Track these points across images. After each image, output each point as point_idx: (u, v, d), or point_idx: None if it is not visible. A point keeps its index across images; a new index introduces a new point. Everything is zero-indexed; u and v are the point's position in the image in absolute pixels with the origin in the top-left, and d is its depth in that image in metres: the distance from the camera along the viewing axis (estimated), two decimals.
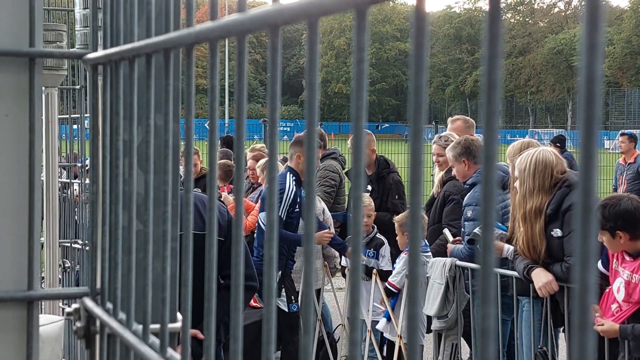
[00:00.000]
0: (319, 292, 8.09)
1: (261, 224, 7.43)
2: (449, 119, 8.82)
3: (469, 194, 6.98)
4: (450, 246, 6.94)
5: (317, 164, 8.32)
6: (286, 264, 7.55)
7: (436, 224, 7.50)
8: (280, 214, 7.31)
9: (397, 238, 7.49)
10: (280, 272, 7.46)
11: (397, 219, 7.47)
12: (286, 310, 7.47)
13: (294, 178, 7.46)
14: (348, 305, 7.18)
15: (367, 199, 7.93)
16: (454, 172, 7.24)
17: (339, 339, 8.20)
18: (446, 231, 7.18)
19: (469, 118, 8.90)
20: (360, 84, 0.62)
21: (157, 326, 1.12)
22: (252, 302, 7.28)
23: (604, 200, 5.15)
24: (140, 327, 1.16)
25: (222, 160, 10.43)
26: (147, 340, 1.12)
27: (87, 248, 5.31)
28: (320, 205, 7.94)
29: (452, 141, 7.61)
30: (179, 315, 1.30)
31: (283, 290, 7.52)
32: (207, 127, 0.92)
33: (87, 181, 5.69)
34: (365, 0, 0.61)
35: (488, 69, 0.54)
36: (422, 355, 7.34)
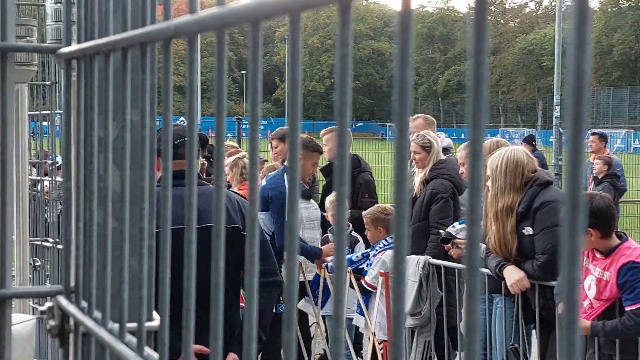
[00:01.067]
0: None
1: (262, 226, 7.32)
2: (410, 117, 8.83)
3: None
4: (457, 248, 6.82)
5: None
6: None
7: (421, 222, 7.48)
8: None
9: (368, 233, 7.49)
10: None
11: (365, 213, 7.46)
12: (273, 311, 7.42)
13: None
14: (333, 303, 7.15)
15: None
16: (462, 170, 7.20)
17: (313, 336, 8.20)
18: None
19: (429, 116, 8.94)
20: (344, 79, 0.61)
21: (133, 324, 1.10)
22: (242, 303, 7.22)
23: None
24: (116, 325, 1.14)
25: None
26: (124, 339, 1.10)
27: (59, 246, 5.26)
28: (318, 212, 7.91)
29: (429, 140, 7.62)
30: (155, 314, 1.28)
31: None
32: (185, 123, 0.91)
33: (58, 178, 5.64)
34: None
35: (475, 66, 0.53)
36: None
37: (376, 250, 7.38)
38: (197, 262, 0.98)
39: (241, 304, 7.29)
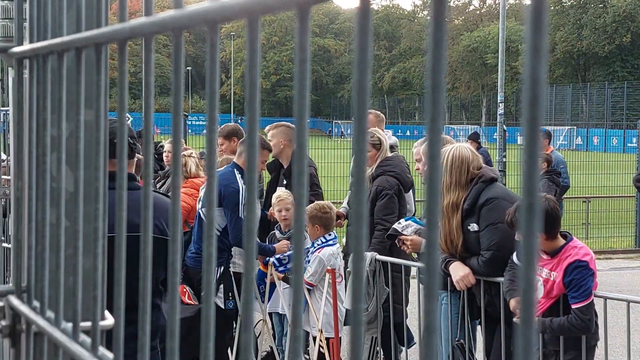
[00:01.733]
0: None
1: (203, 217, 7.36)
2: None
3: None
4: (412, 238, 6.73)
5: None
6: (227, 261, 7.46)
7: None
8: (241, 215, 7.22)
9: (307, 230, 7.51)
10: (221, 268, 7.36)
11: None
12: (222, 307, 7.39)
13: (240, 176, 7.38)
14: (290, 302, 7.15)
15: (285, 194, 7.94)
16: (417, 166, 7.21)
17: (259, 334, 8.19)
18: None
19: (379, 112, 9.00)
20: (303, 83, 0.63)
21: (86, 324, 1.10)
22: (184, 299, 7.17)
23: (521, 202, 5.24)
24: (69, 325, 1.14)
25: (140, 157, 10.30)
26: (78, 339, 1.10)
27: (5, 244, 5.18)
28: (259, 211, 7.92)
29: (378, 137, 7.68)
30: (107, 314, 1.28)
31: (221, 286, 7.42)
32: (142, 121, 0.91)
33: (4, 177, 5.54)
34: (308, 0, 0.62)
35: (432, 72, 0.55)
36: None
37: (314, 248, 7.40)
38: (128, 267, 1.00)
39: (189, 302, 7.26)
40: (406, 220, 6.72)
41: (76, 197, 1.12)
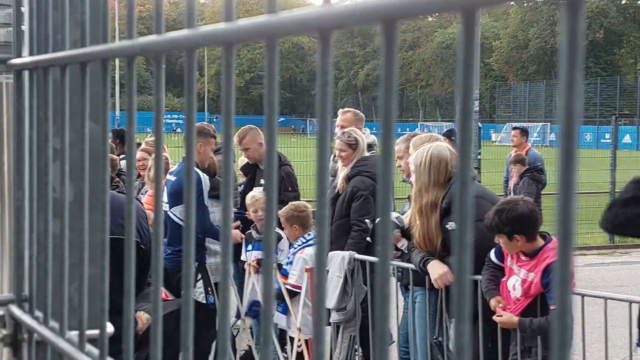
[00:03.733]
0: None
1: (176, 219, 7.39)
2: (339, 110, 8.85)
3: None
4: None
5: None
6: (202, 255, 7.51)
7: (343, 219, 7.53)
8: (206, 202, 7.31)
9: (286, 231, 7.52)
10: (196, 263, 7.38)
11: (280, 213, 7.45)
12: (204, 302, 7.41)
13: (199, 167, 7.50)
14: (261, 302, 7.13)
15: (259, 194, 7.94)
16: (399, 163, 7.25)
17: (237, 333, 8.20)
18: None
19: (358, 111, 9.00)
20: (325, 106, 0.65)
21: (91, 332, 1.12)
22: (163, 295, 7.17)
23: (501, 205, 5.26)
24: (74, 334, 1.15)
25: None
26: (84, 349, 1.11)
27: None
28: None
29: (355, 137, 7.69)
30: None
31: (200, 281, 7.41)
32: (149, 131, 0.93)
33: None
34: (330, 25, 0.64)
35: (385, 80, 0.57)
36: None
37: (294, 248, 7.41)
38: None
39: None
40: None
41: (81, 209, 1.14)
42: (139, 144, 11.16)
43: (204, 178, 7.51)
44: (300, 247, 7.36)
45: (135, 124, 0.98)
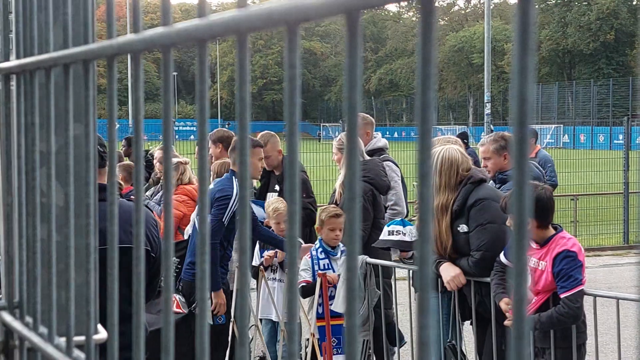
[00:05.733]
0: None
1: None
2: None
3: (504, 186, 6.96)
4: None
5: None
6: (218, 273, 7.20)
7: None
8: (224, 219, 7.07)
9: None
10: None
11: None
12: (210, 322, 7.11)
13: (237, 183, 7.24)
14: (285, 307, 7.12)
15: (281, 205, 7.83)
16: (485, 163, 7.24)
17: (252, 339, 8.18)
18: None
19: (367, 115, 8.98)
20: (293, 100, 0.63)
21: (80, 338, 1.10)
22: (175, 308, 6.95)
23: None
24: (62, 340, 1.14)
25: (125, 162, 10.18)
26: (72, 354, 1.10)
27: None
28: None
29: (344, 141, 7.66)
30: (100, 327, 1.29)
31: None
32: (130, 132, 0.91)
33: None
34: (295, 18, 0.62)
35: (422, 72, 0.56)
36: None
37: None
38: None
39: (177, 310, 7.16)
40: (388, 226, 6.67)
41: (67, 212, 1.13)
42: (146, 152, 11.13)
43: (236, 195, 7.34)
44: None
45: (115, 125, 0.97)
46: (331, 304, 7.13)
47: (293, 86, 0.63)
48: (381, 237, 6.60)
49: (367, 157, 7.77)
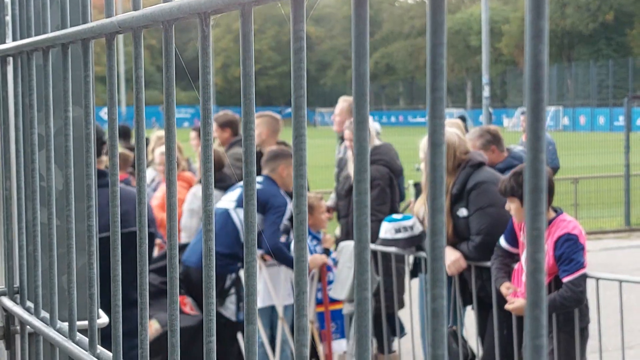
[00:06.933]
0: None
1: (237, 220, 6.91)
2: (341, 97, 8.68)
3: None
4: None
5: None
6: (237, 267, 6.93)
7: None
8: (280, 227, 6.79)
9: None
10: (233, 275, 6.85)
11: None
12: (234, 319, 6.76)
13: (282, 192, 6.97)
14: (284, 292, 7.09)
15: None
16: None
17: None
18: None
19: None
20: (249, 82, 0.61)
21: (82, 323, 1.09)
22: (185, 309, 6.74)
23: (519, 168, 5.25)
24: (65, 324, 1.13)
25: (120, 151, 10.02)
26: (74, 338, 1.09)
27: None
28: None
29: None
30: (101, 312, 1.27)
31: (233, 296, 6.82)
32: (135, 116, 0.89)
33: None
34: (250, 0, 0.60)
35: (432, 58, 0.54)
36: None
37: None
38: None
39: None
40: (390, 222, 6.62)
41: (67, 196, 1.11)
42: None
43: (290, 203, 7.04)
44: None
45: (116, 105, 0.95)
46: (329, 289, 7.11)
47: (249, 69, 0.61)
48: (386, 235, 6.55)
49: (378, 142, 7.70)
